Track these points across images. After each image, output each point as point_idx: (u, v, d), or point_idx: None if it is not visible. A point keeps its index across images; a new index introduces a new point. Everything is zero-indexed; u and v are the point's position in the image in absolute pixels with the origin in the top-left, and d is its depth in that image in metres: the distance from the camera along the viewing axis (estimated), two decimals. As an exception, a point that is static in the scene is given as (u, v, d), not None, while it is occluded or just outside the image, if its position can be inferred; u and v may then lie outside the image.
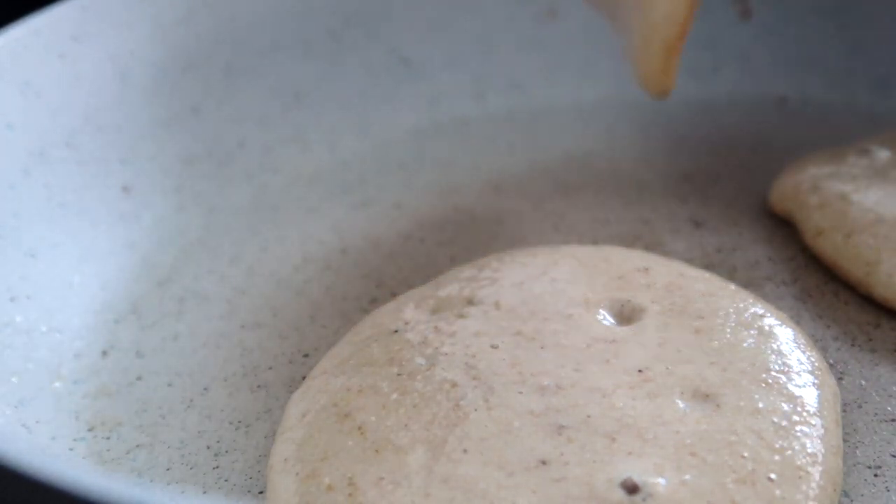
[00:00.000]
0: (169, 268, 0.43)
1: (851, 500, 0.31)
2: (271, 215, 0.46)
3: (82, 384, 0.37)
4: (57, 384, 0.37)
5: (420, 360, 0.33)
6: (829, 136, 0.47)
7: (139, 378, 0.38)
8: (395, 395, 0.32)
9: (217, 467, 0.34)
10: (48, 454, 0.24)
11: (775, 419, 0.31)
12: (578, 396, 0.31)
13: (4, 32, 0.41)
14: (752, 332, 0.34)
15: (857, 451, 0.33)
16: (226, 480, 0.33)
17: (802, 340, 0.34)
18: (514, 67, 0.52)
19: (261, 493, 0.33)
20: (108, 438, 0.35)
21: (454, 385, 0.32)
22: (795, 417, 0.31)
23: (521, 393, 0.32)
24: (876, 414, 0.34)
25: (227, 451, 0.34)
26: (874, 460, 0.32)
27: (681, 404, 0.31)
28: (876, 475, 0.32)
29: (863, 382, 0.35)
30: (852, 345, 0.37)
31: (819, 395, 0.32)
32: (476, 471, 0.29)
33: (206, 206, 0.46)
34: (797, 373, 0.33)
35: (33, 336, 0.38)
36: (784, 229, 0.43)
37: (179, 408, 0.36)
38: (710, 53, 0.52)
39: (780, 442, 0.30)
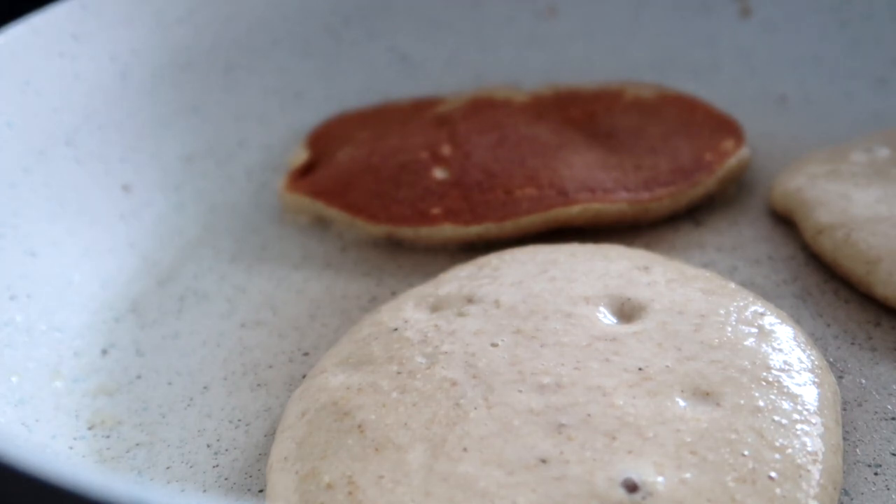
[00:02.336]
0: (169, 266, 0.43)
1: (851, 499, 0.31)
2: (271, 213, 0.46)
3: (82, 383, 0.37)
4: (57, 383, 0.37)
5: (420, 359, 0.33)
6: (830, 135, 0.47)
7: (139, 377, 0.38)
8: (394, 394, 0.32)
9: (217, 466, 0.34)
10: (48, 453, 0.24)
11: (775, 417, 0.31)
12: (578, 395, 0.31)
13: (4, 32, 0.41)
14: (752, 330, 0.34)
15: (857, 450, 0.33)
16: (225, 479, 0.33)
17: (802, 339, 0.34)
18: (514, 65, 0.52)
19: (260, 491, 0.33)
20: (107, 437, 0.35)
21: (454, 383, 0.32)
22: (795, 416, 0.31)
23: (520, 391, 0.32)
24: (876, 412, 0.34)
25: (226, 450, 0.34)
26: (874, 458, 0.32)
27: (681, 403, 0.31)
28: (876, 473, 0.32)
29: (863, 381, 0.35)
30: (852, 343, 0.37)
31: (819, 394, 0.32)
32: (476, 469, 0.29)
33: (206, 205, 0.46)
34: (797, 371, 0.33)
35: (33, 335, 0.38)
36: (784, 228, 0.43)
37: (179, 406, 0.36)
38: (710, 52, 0.52)
39: (780, 440, 0.30)
